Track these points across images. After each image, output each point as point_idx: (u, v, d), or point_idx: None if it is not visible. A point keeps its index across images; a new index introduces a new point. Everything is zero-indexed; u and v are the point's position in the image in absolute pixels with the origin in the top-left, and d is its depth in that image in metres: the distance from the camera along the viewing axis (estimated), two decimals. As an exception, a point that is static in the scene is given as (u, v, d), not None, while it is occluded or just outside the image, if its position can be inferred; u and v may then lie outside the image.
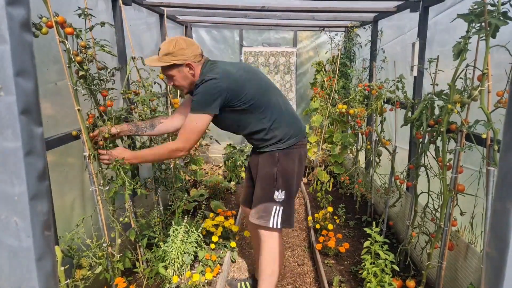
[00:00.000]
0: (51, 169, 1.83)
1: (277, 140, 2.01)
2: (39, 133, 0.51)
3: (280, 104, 2.05)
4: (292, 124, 2.05)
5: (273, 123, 1.99)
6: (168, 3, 3.36)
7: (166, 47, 1.89)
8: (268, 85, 2.07)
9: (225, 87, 1.85)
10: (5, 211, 0.50)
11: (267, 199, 2.05)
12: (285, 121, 2.02)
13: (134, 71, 2.59)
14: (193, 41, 1.99)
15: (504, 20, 1.57)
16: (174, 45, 1.89)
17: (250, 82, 1.95)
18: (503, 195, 0.48)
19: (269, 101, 1.99)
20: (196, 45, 1.98)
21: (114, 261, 2.16)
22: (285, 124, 2.02)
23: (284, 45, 5.35)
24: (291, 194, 2.08)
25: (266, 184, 2.05)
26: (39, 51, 1.87)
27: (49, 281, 0.54)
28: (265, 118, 1.97)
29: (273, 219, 2.03)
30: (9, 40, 0.46)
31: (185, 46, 1.90)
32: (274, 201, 2.03)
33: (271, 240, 2.09)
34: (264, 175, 2.06)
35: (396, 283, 2.20)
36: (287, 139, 2.01)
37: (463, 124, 1.87)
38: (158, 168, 2.83)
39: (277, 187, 2.03)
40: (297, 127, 2.08)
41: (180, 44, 1.90)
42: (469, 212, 2.12)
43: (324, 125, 4.40)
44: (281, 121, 2.01)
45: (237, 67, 2.02)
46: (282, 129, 2.00)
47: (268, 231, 2.07)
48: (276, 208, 2.03)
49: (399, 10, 3.29)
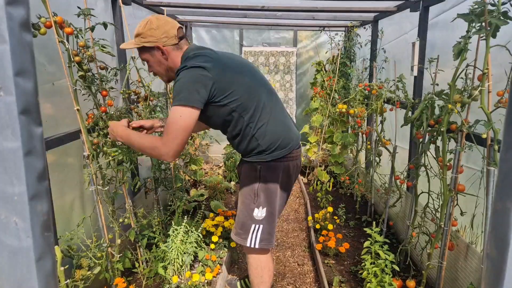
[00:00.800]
0: (51, 169, 1.83)
1: (260, 150, 1.76)
2: (39, 133, 0.51)
3: (271, 108, 1.78)
4: (281, 134, 1.79)
5: (258, 130, 1.73)
6: (168, 3, 3.36)
7: (137, 28, 1.68)
8: (260, 85, 1.81)
9: (212, 77, 1.59)
10: (5, 211, 0.50)
11: (246, 215, 1.86)
12: (272, 130, 1.76)
13: (134, 71, 2.59)
14: (168, 20, 1.71)
15: (504, 20, 1.57)
16: (144, 25, 1.66)
17: (241, 76, 1.72)
18: (503, 195, 0.47)
19: (258, 103, 1.73)
20: (171, 25, 1.69)
21: (113, 261, 2.17)
22: (272, 133, 1.76)
23: (284, 44, 5.35)
24: (273, 212, 1.86)
25: (246, 198, 1.86)
26: (39, 50, 1.87)
27: (48, 281, 0.54)
28: (250, 123, 1.72)
29: (251, 238, 1.86)
30: (9, 40, 0.46)
31: (155, 26, 1.65)
32: (253, 219, 1.84)
33: (253, 256, 1.96)
34: (244, 189, 1.87)
35: (396, 283, 2.20)
36: (272, 150, 1.76)
37: (463, 124, 1.87)
38: (157, 168, 2.83)
39: (257, 204, 1.82)
40: (288, 137, 1.81)
41: (151, 23, 1.65)
42: (470, 212, 2.12)
43: (324, 125, 4.40)
44: (268, 129, 1.75)
45: (229, 57, 1.79)
46: (268, 138, 1.75)
47: (248, 248, 1.92)
48: (255, 227, 1.85)
49: (399, 9, 3.29)
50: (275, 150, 1.78)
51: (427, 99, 2.10)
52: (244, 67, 1.80)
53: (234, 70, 1.72)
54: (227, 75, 1.66)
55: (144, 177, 2.90)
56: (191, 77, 1.57)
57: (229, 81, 1.66)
